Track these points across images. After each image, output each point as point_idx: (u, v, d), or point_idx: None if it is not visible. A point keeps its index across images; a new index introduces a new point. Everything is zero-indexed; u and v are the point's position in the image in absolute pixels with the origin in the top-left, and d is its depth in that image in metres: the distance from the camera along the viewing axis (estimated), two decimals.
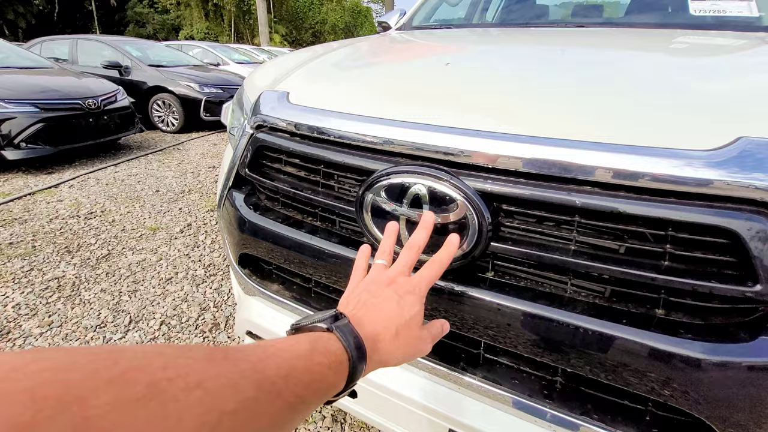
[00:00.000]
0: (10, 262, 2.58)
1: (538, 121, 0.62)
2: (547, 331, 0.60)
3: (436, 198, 0.62)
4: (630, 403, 0.62)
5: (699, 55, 1.07)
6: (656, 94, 0.67)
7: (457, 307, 0.65)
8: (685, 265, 0.53)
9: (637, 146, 0.53)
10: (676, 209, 0.51)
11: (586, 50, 1.08)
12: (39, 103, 4.15)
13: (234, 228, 0.92)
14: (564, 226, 0.59)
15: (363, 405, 0.82)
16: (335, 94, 0.84)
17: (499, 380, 0.68)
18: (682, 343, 0.53)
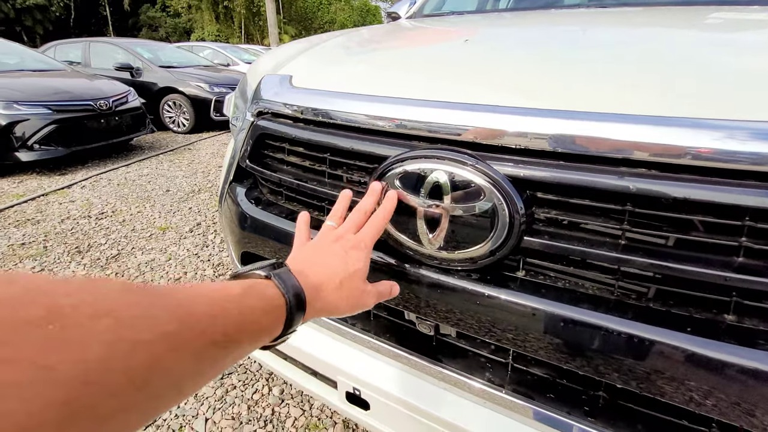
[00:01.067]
0: (22, 263, 2.58)
1: (575, 95, 0.53)
2: (590, 340, 0.51)
3: (459, 186, 0.54)
4: (690, 424, 0.53)
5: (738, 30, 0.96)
6: (706, 69, 0.57)
7: (482, 311, 0.57)
8: (766, 262, 0.44)
9: (709, 120, 0.44)
10: (757, 194, 0.42)
11: (615, 29, 0.98)
12: (51, 105, 4.18)
13: (235, 224, 0.85)
14: (613, 216, 0.50)
15: (375, 418, 0.75)
16: (342, 75, 0.76)
17: (532, 395, 0.59)
18: (761, 356, 0.44)
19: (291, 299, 0.42)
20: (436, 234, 0.56)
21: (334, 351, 0.77)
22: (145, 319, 0.27)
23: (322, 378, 0.82)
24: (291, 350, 0.82)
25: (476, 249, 0.54)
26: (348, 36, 1.11)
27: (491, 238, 0.52)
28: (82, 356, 0.22)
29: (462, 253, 0.55)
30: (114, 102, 4.73)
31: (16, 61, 4.90)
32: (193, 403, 1.56)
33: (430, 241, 0.57)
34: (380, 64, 0.80)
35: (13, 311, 0.21)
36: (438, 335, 0.68)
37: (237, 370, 1.72)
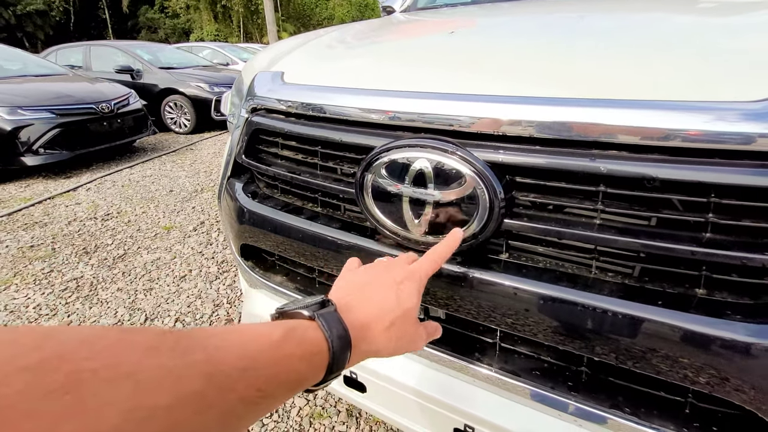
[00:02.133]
0: (32, 264, 2.64)
1: (552, 82, 0.55)
2: (570, 316, 0.54)
3: (442, 173, 0.56)
4: (666, 394, 0.55)
5: (729, 14, 0.97)
6: (685, 50, 0.59)
7: (468, 293, 0.60)
8: (732, 236, 0.46)
9: (670, 101, 0.46)
10: (720, 171, 0.44)
11: (604, 15, 0.99)
12: (55, 109, 4.23)
13: (233, 218, 0.88)
14: (587, 198, 0.52)
15: (372, 400, 0.78)
16: (330, 70, 0.79)
17: (517, 371, 0.62)
18: (728, 325, 0.46)
19: (335, 343, 0.38)
20: (421, 220, 0.59)
21: None
22: (168, 381, 0.25)
23: None
24: None
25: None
26: (340, 31, 1.13)
27: (473, 222, 0.55)
28: (96, 427, 0.21)
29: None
30: (116, 104, 4.78)
31: (18, 67, 4.96)
32: None
33: (416, 227, 0.59)
34: (367, 58, 0.82)
35: (36, 380, 0.21)
36: (428, 317, 0.71)
37: None
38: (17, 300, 2.27)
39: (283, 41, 1.14)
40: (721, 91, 0.48)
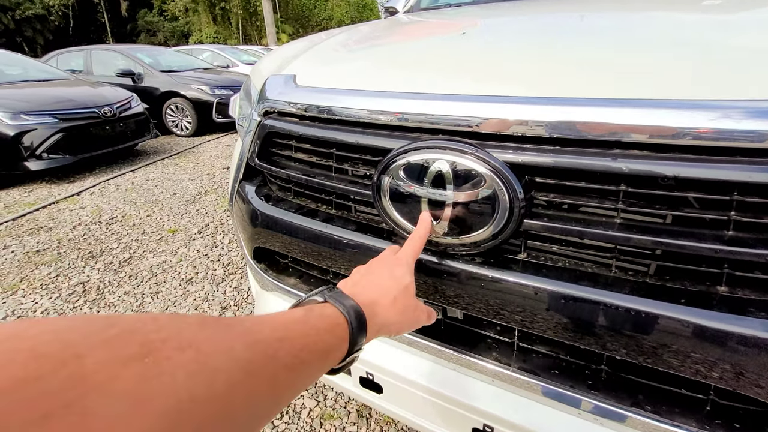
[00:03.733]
0: (38, 269, 2.65)
1: (570, 83, 0.56)
2: (591, 315, 0.54)
3: (461, 174, 0.57)
4: (687, 392, 0.56)
5: (736, 11, 0.97)
6: (698, 50, 0.59)
7: (487, 293, 0.60)
8: (754, 234, 0.46)
9: (693, 100, 0.47)
10: (743, 169, 0.44)
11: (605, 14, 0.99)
12: (57, 114, 4.24)
13: (246, 221, 0.88)
14: (608, 197, 0.53)
15: (388, 400, 0.78)
16: (344, 72, 0.79)
17: (536, 370, 0.62)
18: (751, 322, 0.46)
19: (350, 315, 0.43)
20: (440, 221, 0.59)
21: None
22: (222, 349, 0.29)
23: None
24: None
25: (479, 233, 0.57)
26: (348, 33, 1.13)
27: (493, 222, 0.55)
28: (173, 387, 0.24)
29: (466, 238, 0.58)
30: (118, 108, 4.79)
31: (20, 72, 4.97)
32: None
33: (435, 229, 0.60)
34: (380, 60, 0.82)
35: (116, 349, 0.23)
36: (446, 319, 0.71)
37: None
38: (25, 305, 2.28)
39: (291, 44, 1.14)
40: (733, 89, 0.49)
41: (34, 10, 27.73)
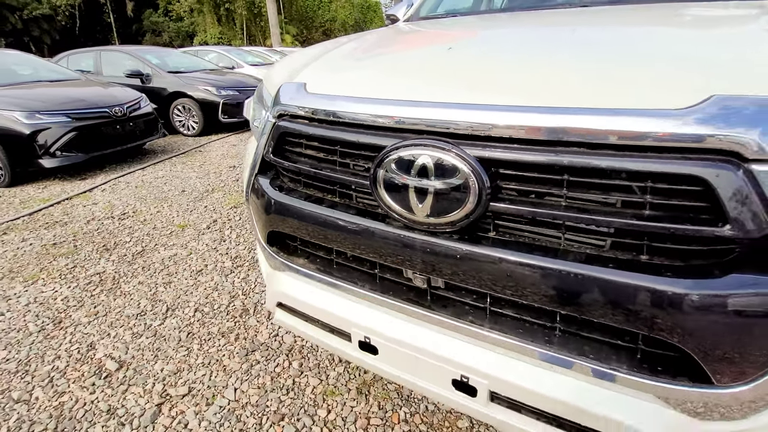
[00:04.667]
0: (56, 261, 2.79)
1: (529, 92, 0.69)
2: (545, 280, 0.67)
3: (440, 167, 0.70)
4: (621, 342, 0.69)
5: (692, 26, 1.10)
6: (641, 63, 0.72)
7: (462, 263, 0.73)
8: (664, 212, 0.60)
9: (618, 108, 0.60)
10: (654, 162, 0.58)
11: (580, 29, 1.13)
12: (70, 113, 4.40)
13: (262, 209, 1.02)
14: (555, 185, 0.66)
15: (383, 360, 0.91)
16: (346, 81, 0.93)
17: (503, 329, 0.76)
18: (663, 281, 0.60)
19: None
20: (424, 205, 0.73)
21: (348, 308, 0.94)
22: None
23: (338, 333, 0.99)
24: (313, 310, 1.00)
25: (455, 214, 0.70)
26: (354, 43, 1.27)
27: (465, 205, 0.69)
28: None
29: (444, 218, 0.71)
30: (128, 108, 4.94)
31: (33, 72, 5.14)
32: (222, 376, 1.74)
33: (420, 211, 0.73)
34: (377, 70, 0.96)
35: None
36: (430, 288, 0.85)
37: (259, 348, 1.90)
38: (45, 293, 2.42)
39: (299, 54, 1.28)
40: (662, 100, 0.62)
41: (41, 10, 28.03)
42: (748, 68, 0.64)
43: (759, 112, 0.54)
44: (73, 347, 1.96)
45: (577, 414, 0.72)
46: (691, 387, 0.64)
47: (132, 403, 1.63)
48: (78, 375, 1.78)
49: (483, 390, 0.79)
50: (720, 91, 0.58)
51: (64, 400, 1.65)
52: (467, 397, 0.82)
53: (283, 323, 1.14)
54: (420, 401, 1.59)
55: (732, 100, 0.56)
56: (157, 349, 1.93)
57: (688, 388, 0.64)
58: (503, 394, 0.78)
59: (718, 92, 0.58)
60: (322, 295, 0.98)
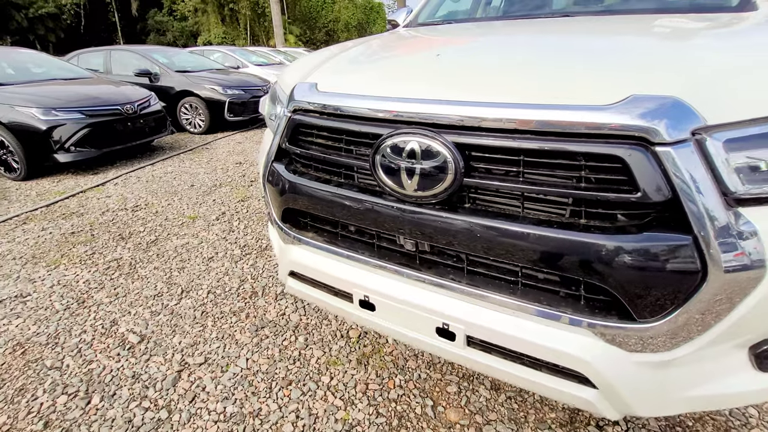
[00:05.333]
0: (75, 248, 2.98)
1: (496, 91, 0.87)
2: (508, 240, 0.85)
3: (426, 151, 0.88)
4: (567, 291, 0.87)
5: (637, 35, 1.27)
6: (587, 67, 0.90)
7: (444, 228, 0.91)
8: (595, 184, 0.78)
9: (560, 104, 0.78)
10: (586, 145, 0.76)
11: (554, 36, 1.31)
12: (84, 110, 4.59)
13: (278, 190, 1.20)
14: (515, 164, 0.84)
15: (379, 316, 1.09)
16: (351, 81, 1.11)
17: (477, 283, 0.94)
18: (596, 237, 0.78)
19: None
20: (412, 182, 0.90)
21: (350, 273, 1.12)
22: None
23: (341, 295, 1.17)
24: (320, 276, 1.18)
25: (437, 188, 0.88)
26: (355, 49, 1.45)
27: (445, 181, 0.87)
28: None
29: (429, 192, 0.89)
30: (138, 106, 5.14)
31: (48, 71, 5.34)
32: (235, 348, 1.92)
33: (410, 186, 0.91)
34: (377, 72, 1.14)
35: None
36: (418, 253, 1.03)
37: (267, 324, 2.08)
38: (68, 276, 2.61)
39: (308, 58, 1.46)
40: (590, 97, 0.80)
41: (47, 9, 28.32)
42: (663, 73, 0.82)
43: (661, 108, 0.72)
44: (98, 323, 2.14)
45: (534, 349, 0.89)
46: (619, 323, 0.82)
47: (154, 370, 1.81)
48: (104, 346, 1.96)
49: (461, 334, 0.97)
50: (637, 91, 0.76)
51: (92, 367, 1.83)
52: (448, 342, 1.00)
53: (294, 290, 1.32)
54: (414, 370, 1.77)
55: (644, 98, 0.74)
56: (174, 325, 2.11)
57: (616, 324, 0.82)
58: (477, 337, 0.95)
59: (635, 92, 0.76)
60: (328, 263, 1.16)
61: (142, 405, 1.63)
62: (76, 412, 1.60)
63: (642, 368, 0.86)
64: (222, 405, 1.62)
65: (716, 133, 0.74)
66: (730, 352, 0.90)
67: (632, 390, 0.87)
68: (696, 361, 0.88)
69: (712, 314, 0.79)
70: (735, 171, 0.74)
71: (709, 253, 0.73)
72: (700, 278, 0.76)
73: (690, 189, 0.72)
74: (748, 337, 0.87)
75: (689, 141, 0.73)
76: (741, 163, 0.74)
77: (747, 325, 0.83)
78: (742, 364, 0.91)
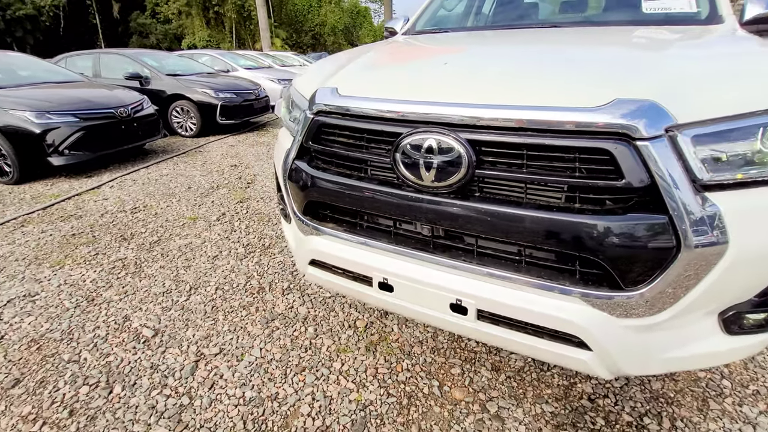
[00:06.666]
0: (78, 249, 3.02)
1: (503, 95, 1.01)
2: (514, 223, 0.99)
3: (442, 147, 1.01)
4: (565, 266, 1.01)
5: (619, 45, 1.44)
6: (579, 75, 1.05)
7: (457, 215, 1.05)
8: (588, 173, 0.92)
9: (558, 106, 0.92)
10: (580, 140, 0.90)
11: (547, 46, 1.46)
12: (78, 114, 4.60)
13: (301, 185, 1.32)
14: (519, 157, 0.98)
15: (397, 297, 1.22)
16: (370, 86, 1.24)
17: (486, 263, 1.07)
18: (590, 218, 0.92)
19: None
20: (430, 174, 1.04)
21: (370, 258, 1.24)
22: None
23: (361, 279, 1.29)
24: (341, 262, 1.30)
25: (452, 179, 1.01)
26: (366, 56, 1.58)
27: (459, 172, 1.00)
28: None
29: (445, 182, 1.02)
30: (132, 109, 5.15)
31: (40, 74, 5.31)
32: (247, 339, 2.02)
33: (428, 178, 1.04)
34: (393, 78, 1.27)
35: None
36: (433, 237, 1.16)
37: (277, 317, 2.18)
38: (73, 276, 2.65)
39: (324, 64, 1.59)
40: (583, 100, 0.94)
41: (25, 11, 27.64)
42: (642, 80, 0.97)
43: (640, 110, 0.87)
44: (110, 319, 2.20)
45: (538, 318, 1.03)
46: (609, 292, 0.97)
47: (171, 361, 1.89)
48: (119, 340, 2.03)
49: (472, 309, 1.10)
50: (620, 95, 0.91)
51: (110, 359, 1.90)
52: (461, 316, 1.13)
53: (315, 278, 1.43)
54: (419, 355, 1.89)
55: (626, 101, 0.89)
56: (186, 319, 2.19)
57: (607, 293, 0.97)
58: (487, 310, 1.09)
59: (619, 96, 0.90)
60: (348, 250, 1.28)
61: (163, 393, 1.71)
62: (100, 401, 1.68)
63: (629, 332, 1.00)
64: (241, 390, 1.71)
65: (686, 130, 0.89)
66: (703, 318, 1.05)
67: (621, 351, 1.01)
68: (674, 326, 1.03)
69: (686, 283, 0.94)
70: (701, 161, 0.89)
71: (681, 230, 0.88)
72: (674, 252, 0.90)
73: (665, 177, 0.87)
74: (717, 304, 1.03)
75: (663, 137, 0.88)
76: (706, 154, 0.89)
77: (714, 294, 0.98)
78: (712, 329, 1.07)
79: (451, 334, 2.01)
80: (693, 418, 1.54)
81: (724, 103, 0.93)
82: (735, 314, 1.03)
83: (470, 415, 1.57)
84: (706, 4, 1.80)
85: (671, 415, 1.55)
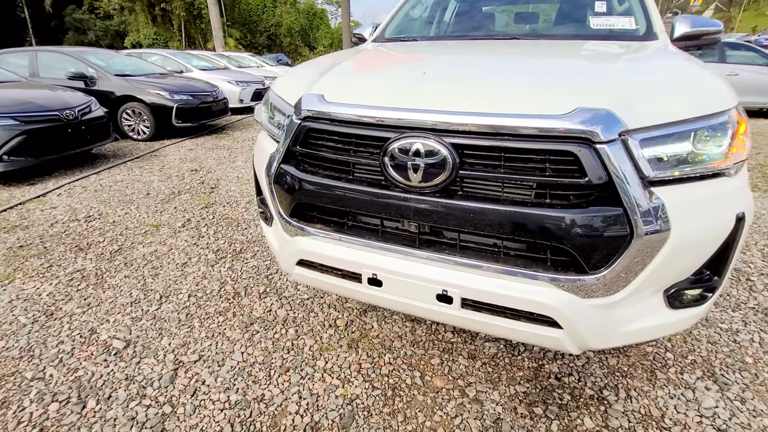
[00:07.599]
0: (28, 261, 2.81)
1: (480, 103, 1.12)
2: (493, 218, 1.10)
3: (428, 150, 1.11)
4: (537, 255, 1.14)
5: (576, 58, 1.62)
6: (544, 85, 1.19)
7: (442, 212, 1.15)
8: (555, 173, 1.05)
9: (528, 114, 1.05)
10: (547, 144, 1.03)
11: (514, 57, 1.61)
12: (19, 116, 4.25)
13: (288, 188, 1.36)
14: (497, 159, 1.10)
15: (385, 291, 1.29)
16: (355, 93, 1.30)
17: (468, 255, 1.18)
18: (557, 211, 1.05)
19: None
20: (417, 175, 1.13)
21: (359, 255, 1.31)
22: None
23: (349, 276, 1.36)
24: (330, 261, 1.35)
25: (437, 179, 1.11)
26: (345, 63, 1.65)
27: (443, 173, 1.10)
28: None
29: (431, 183, 1.12)
30: (79, 111, 4.84)
31: None
32: (227, 344, 2.00)
33: (415, 179, 1.13)
34: (376, 85, 1.35)
35: None
36: (419, 234, 1.25)
37: (256, 321, 2.18)
38: (27, 290, 2.48)
39: (302, 70, 1.63)
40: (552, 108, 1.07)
41: None
42: (598, 90, 1.12)
43: (597, 117, 1.01)
44: (74, 333, 2.09)
45: (516, 302, 1.15)
46: (576, 276, 1.10)
47: (148, 371, 1.84)
48: (87, 354, 1.94)
49: (457, 298, 1.20)
50: (581, 104, 1.05)
51: (79, 374, 1.82)
52: (447, 305, 1.23)
53: (302, 277, 1.47)
54: (400, 349, 1.98)
55: (586, 110, 1.03)
56: (160, 328, 2.13)
57: (574, 276, 1.10)
58: (470, 298, 1.19)
59: (580, 105, 1.04)
60: (337, 249, 1.34)
61: (142, 403, 1.67)
62: (72, 416, 1.61)
63: (593, 310, 1.15)
64: (225, 395, 1.71)
65: (634, 135, 1.05)
66: (652, 296, 1.22)
67: (587, 327, 1.16)
68: (629, 303, 1.19)
69: (638, 266, 1.10)
70: (647, 161, 1.05)
71: (633, 220, 1.03)
72: (628, 239, 1.06)
73: (619, 174, 1.02)
74: (662, 282, 1.20)
75: (617, 140, 1.03)
76: (651, 155, 1.05)
77: (660, 274, 1.15)
78: (659, 305, 1.24)
79: (429, 328, 2.12)
80: (644, 387, 1.75)
81: (664, 111, 1.10)
82: (676, 291, 1.21)
83: (451, 400, 1.68)
84: (644, 23, 2.04)
85: (626, 386, 1.75)
